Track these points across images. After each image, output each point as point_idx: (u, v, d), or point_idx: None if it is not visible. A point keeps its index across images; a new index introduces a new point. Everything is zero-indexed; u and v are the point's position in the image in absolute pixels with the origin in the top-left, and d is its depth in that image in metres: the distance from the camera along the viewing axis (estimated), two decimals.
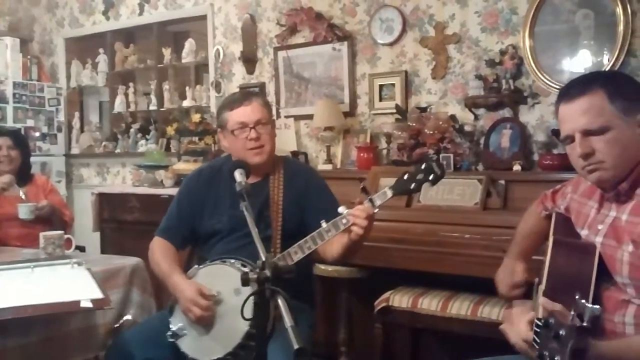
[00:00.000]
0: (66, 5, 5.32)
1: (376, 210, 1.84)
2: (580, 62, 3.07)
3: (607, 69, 2.92)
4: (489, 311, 2.52)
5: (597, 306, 1.10)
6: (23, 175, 3.22)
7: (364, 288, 3.04)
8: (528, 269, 1.69)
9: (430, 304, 2.66)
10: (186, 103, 4.73)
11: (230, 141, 2.13)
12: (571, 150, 1.46)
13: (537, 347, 1.20)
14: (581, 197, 1.60)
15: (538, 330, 1.20)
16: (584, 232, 1.53)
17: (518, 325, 1.35)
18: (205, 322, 1.89)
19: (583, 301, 1.10)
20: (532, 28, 3.17)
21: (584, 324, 1.08)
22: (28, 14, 5.45)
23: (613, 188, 1.45)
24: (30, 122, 4.93)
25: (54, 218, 3.13)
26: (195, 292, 1.89)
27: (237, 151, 2.11)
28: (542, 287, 1.45)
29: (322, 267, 2.94)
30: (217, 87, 4.42)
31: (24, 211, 2.98)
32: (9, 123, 4.71)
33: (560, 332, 1.10)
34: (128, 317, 2.26)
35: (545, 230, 1.69)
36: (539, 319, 1.20)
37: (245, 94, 2.72)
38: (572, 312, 1.11)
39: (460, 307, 2.59)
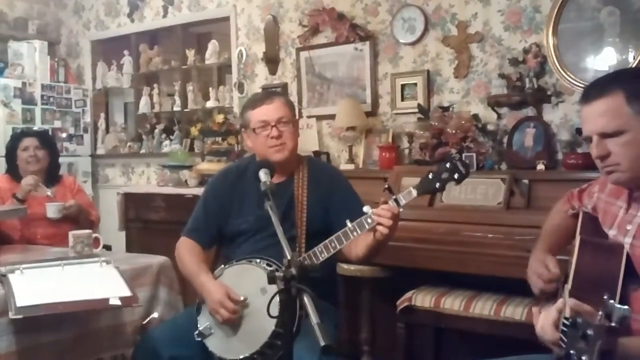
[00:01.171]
0: (92, 8, 5.41)
1: (401, 210, 1.83)
2: (605, 60, 3.03)
3: (632, 67, 2.88)
4: (512, 311, 2.51)
5: (626, 307, 1.08)
6: (51, 176, 3.28)
7: (387, 287, 3.04)
8: (558, 263, 1.65)
9: (453, 303, 2.66)
10: (209, 104, 4.77)
11: (253, 140, 2.15)
12: (590, 151, 1.47)
13: (564, 346, 1.19)
14: (608, 196, 1.59)
15: (565, 329, 1.19)
16: (612, 232, 1.52)
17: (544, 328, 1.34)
18: (232, 322, 1.91)
19: (612, 301, 1.09)
20: (556, 26, 3.13)
21: (612, 324, 1.07)
22: (55, 17, 5.56)
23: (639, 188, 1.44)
24: (57, 124, 5.02)
25: (81, 217, 3.19)
26: (224, 295, 1.91)
27: (260, 149, 2.13)
28: (568, 286, 1.45)
29: (345, 266, 2.95)
30: (240, 87, 4.46)
31: (52, 210, 3.05)
32: (37, 124, 4.80)
33: (588, 332, 1.09)
34: (155, 315, 2.29)
35: (571, 229, 1.68)
36: (566, 318, 1.19)
37: (268, 93, 2.75)
38: (600, 312, 1.09)
39: (484, 307, 2.58)
